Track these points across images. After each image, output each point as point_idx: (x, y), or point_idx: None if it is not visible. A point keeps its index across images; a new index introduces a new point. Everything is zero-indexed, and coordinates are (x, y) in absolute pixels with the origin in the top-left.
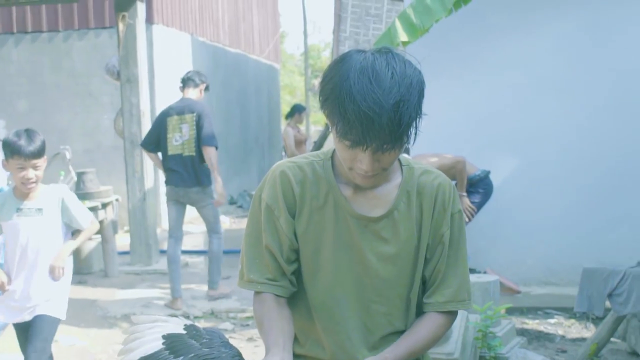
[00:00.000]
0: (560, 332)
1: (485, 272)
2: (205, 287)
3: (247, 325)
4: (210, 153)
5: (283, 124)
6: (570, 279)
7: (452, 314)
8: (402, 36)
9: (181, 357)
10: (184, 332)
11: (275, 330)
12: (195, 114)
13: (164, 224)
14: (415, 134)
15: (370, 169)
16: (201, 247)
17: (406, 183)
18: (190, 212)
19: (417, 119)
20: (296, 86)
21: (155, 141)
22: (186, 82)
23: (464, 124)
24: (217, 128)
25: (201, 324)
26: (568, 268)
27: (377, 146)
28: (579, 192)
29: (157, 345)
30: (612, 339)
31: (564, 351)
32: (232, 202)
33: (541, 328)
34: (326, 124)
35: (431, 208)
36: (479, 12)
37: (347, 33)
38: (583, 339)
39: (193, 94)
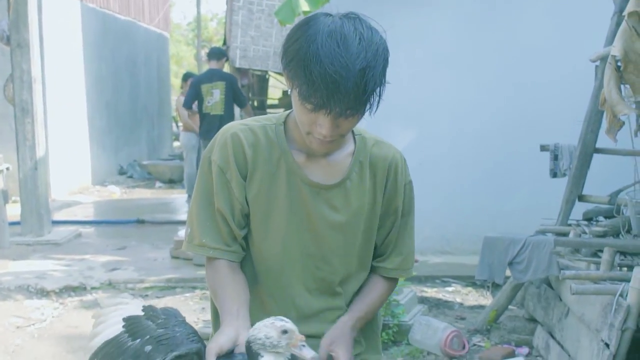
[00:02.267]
0: (459, 299)
1: None
2: (101, 257)
3: (147, 295)
4: (249, 109)
5: (173, 94)
6: (466, 248)
7: (396, 280)
8: (304, 5)
9: (138, 340)
10: (142, 313)
11: (229, 297)
12: (226, 82)
13: (54, 193)
14: (378, 102)
15: (329, 134)
16: (92, 217)
17: (359, 153)
18: (83, 181)
19: (381, 87)
20: (182, 56)
21: (192, 103)
22: (211, 55)
23: None
24: (107, 96)
25: (99, 295)
26: (463, 237)
27: (341, 111)
28: (473, 164)
29: (118, 328)
30: (510, 306)
31: (462, 318)
32: (122, 172)
33: (440, 296)
34: None
35: (384, 180)
36: None
37: (241, 2)
38: (481, 306)
39: (218, 65)
